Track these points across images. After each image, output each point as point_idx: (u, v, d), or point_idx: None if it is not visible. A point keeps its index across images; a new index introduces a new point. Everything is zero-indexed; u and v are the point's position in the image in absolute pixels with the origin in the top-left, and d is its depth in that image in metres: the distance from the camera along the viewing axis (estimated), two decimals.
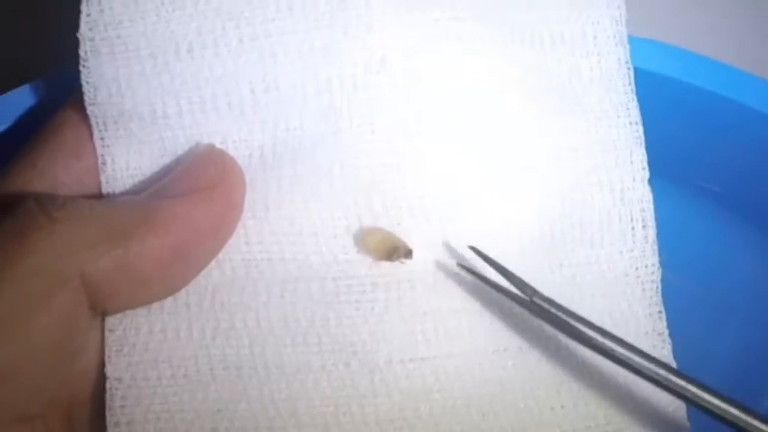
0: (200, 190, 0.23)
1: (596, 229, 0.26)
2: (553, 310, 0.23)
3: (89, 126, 0.24)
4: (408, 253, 0.24)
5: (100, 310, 0.23)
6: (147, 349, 0.24)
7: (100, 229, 0.22)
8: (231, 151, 0.24)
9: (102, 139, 0.24)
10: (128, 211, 0.22)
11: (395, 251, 0.24)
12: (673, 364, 0.25)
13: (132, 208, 0.23)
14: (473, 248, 0.24)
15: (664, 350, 0.25)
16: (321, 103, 0.24)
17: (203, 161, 0.24)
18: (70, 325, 0.22)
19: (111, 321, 0.24)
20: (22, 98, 0.27)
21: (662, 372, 0.23)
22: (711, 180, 0.32)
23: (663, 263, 0.26)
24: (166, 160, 0.25)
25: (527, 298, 0.24)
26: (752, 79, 0.29)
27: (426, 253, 0.25)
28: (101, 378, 0.23)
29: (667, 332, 0.25)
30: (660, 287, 0.26)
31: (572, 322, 0.23)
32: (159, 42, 0.23)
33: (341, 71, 0.24)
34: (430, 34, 0.25)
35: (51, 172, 0.24)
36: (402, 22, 0.24)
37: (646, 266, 0.26)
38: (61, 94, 0.25)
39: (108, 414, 0.23)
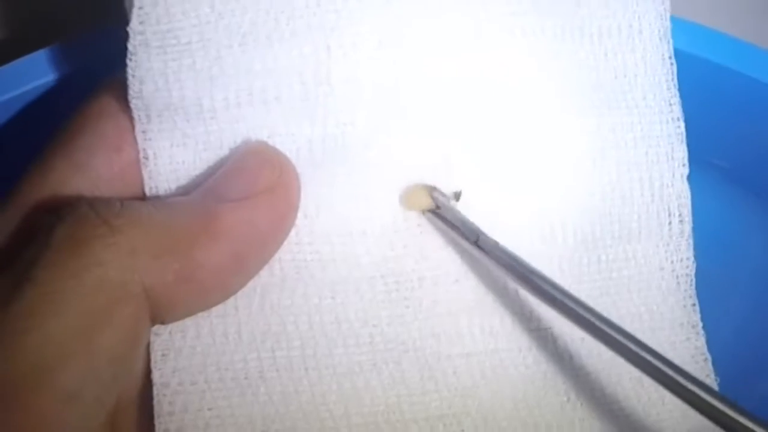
0: (259, 193, 0.22)
1: (635, 224, 0.26)
2: (498, 253, 0.23)
3: (129, 117, 0.23)
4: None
5: (159, 320, 0.22)
6: (194, 353, 0.23)
7: (162, 239, 0.21)
8: (278, 146, 0.23)
9: (144, 132, 0.23)
10: (189, 217, 0.21)
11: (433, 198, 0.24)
12: (707, 355, 0.26)
13: (192, 213, 0.21)
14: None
15: (698, 342, 0.26)
16: (373, 98, 0.23)
17: (260, 161, 0.23)
18: (132, 339, 0.21)
19: (156, 325, 0.23)
20: (51, 58, 0.26)
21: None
22: (720, 156, 0.32)
23: None
24: (211, 154, 0.23)
25: (473, 242, 0.24)
26: (763, 54, 0.29)
27: (472, 248, 0.24)
28: (147, 383, 0.23)
29: (701, 324, 0.26)
30: (693, 279, 0.26)
31: (517, 266, 0.23)
32: (211, 35, 0.22)
33: (395, 65, 0.23)
34: (485, 29, 0.24)
35: (91, 167, 0.22)
36: (458, 18, 0.24)
37: (681, 260, 0.26)
38: (91, 54, 0.25)
39: (156, 421, 0.22)
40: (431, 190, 0.24)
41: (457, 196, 0.24)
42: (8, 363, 0.19)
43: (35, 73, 0.26)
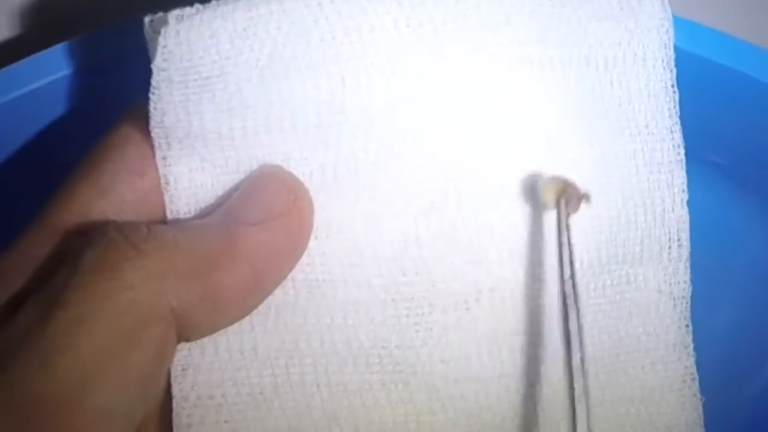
0: (276, 217, 0.23)
1: (637, 249, 0.27)
2: None
3: (151, 145, 0.24)
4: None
5: (184, 339, 0.23)
6: (212, 368, 0.24)
7: (187, 262, 0.22)
8: (292, 170, 0.24)
9: (164, 158, 0.24)
10: (211, 240, 0.22)
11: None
12: (696, 375, 0.27)
13: (214, 237, 0.23)
14: None
15: (688, 362, 0.27)
16: (385, 127, 0.24)
17: (276, 186, 0.24)
18: (160, 358, 0.22)
19: None
20: (65, 54, 0.27)
21: None
22: (716, 153, 0.33)
23: None
24: (228, 178, 0.24)
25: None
26: (759, 51, 0.29)
27: (482, 277, 0.25)
28: (167, 397, 0.24)
29: (691, 345, 0.27)
30: (689, 302, 0.27)
31: None
32: (231, 69, 0.23)
33: (408, 95, 0.24)
34: (495, 59, 0.25)
35: (116, 191, 0.24)
36: (468, 48, 0.25)
37: (679, 283, 0.27)
38: (105, 50, 0.27)
39: None
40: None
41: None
42: (45, 381, 0.20)
43: (49, 69, 0.27)
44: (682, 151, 0.27)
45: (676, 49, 0.27)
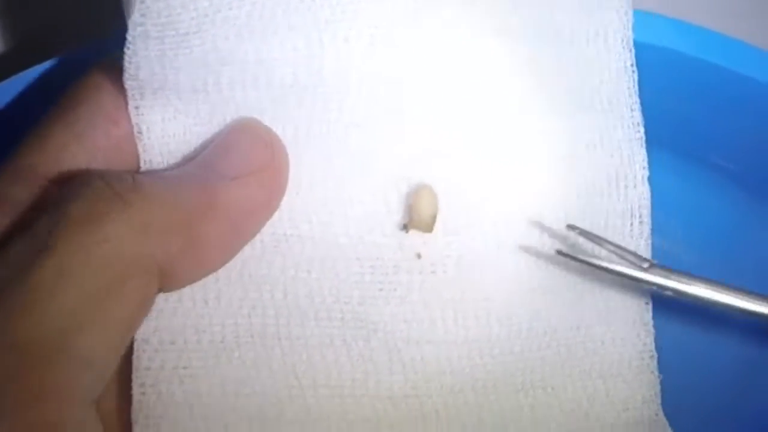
0: (254, 172, 0.24)
1: (602, 225, 0.27)
2: (670, 281, 0.26)
3: (125, 94, 0.24)
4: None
5: (163, 290, 0.23)
6: (175, 314, 0.24)
7: (169, 214, 0.22)
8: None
9: (137, 108, 0.24)
10: (192, 193, 0.23)
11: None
12: (654, 353, 0.27)
13: (195, 190, 0.23)
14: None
15: (647, 339, 0.27)
16: (360, 90, 0.25)
17: (254, 140, 0.24)
18: (141, 309, 0.22)
19: None
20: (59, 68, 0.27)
21: None
22: (727, 158, 0.33)
23: (678, 241, 0.29)
24: (201, 129, 0.25)
25: (644, 268, 0.26)
26: None
27: (451, 241, 0.26)
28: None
29: (651, 323, 0.28)
30: None
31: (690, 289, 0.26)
32: (208, 27, 0.24)
33: (384, 63, 0.25)
34: (469, 32, 0.26)
35: (90, 137, 0.24)
36: (444, 17, 0.25)
37: None
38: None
39: (134, 375, 0.24)
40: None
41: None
42: (31, 328, 0.20)
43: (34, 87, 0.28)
44: (642, 129, 0.27)
45: (690, 57, 0.28)
